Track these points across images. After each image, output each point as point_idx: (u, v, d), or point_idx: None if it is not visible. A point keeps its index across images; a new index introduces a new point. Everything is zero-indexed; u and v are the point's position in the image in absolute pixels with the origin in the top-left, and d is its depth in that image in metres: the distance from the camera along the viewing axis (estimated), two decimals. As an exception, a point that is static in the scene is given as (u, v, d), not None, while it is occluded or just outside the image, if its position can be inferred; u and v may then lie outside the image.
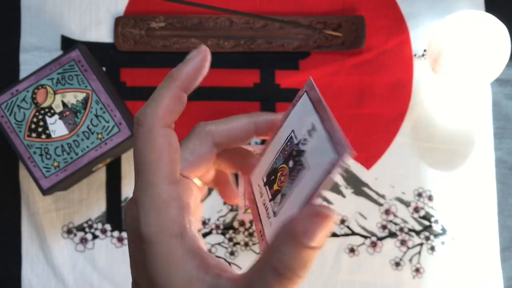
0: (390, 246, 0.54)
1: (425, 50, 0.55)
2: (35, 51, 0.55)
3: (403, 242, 0.54)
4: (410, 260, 0.54)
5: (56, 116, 0.48)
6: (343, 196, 0.54)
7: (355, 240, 0.54)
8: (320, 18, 0.55)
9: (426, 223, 0.54)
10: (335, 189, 0.54)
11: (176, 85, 0.28)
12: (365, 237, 0.54)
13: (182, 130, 0.58)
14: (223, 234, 0.54)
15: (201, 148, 0.28)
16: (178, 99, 0.27)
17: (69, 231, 0.54)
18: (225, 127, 0.29)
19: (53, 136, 0.48)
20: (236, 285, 0.23)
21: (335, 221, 0.24)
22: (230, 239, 0.54)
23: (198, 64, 0.29)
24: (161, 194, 0.23)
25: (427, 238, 0.54)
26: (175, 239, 0.23)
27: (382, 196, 0.54)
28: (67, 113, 0.48)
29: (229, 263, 0.54)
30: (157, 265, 0.23)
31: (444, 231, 0.54)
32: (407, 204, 0.54)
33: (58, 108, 0.48)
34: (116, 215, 0.54)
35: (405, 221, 0.54)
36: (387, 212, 0.54)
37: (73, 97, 0.48)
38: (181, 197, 0.24)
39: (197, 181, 0.31)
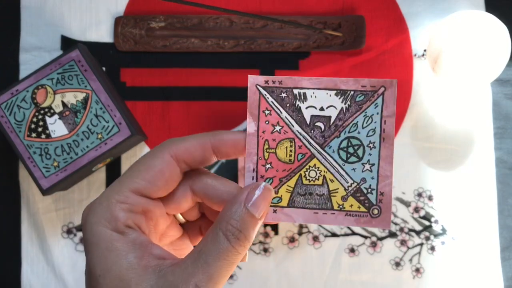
0: (390, 246, 0.54)
1: (425, 50, 0.55)
2: (35, 51, 0.55)
3: (403, 242, 0.54)
4: (410, 260, 0.54)
5: (56, 116, 0.48)
6: (343, 196, 0.54)
7: (355, 240, 0.54)
8: (320, 18, 0.55)
9: (426, 223, 0.54)
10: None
11: (209, 138, 0.28)
12: (365, 237, 0.54)
13: (183, 130, 0.58)
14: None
15: (160, 165, 0.28)
16: (201, 148, 0.28)
17: (69, 231, 0.54)
18: (182, 145, 0.28)
19: (53, 136, 0.48)
20: (181, 262, 0.26)
21: (273, 194, 0.27)
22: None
23: (240, 139, 0.28)
24: (111, 197, 0.27)
25: (427, 238, 0.54)
26: (117, 234, 0.26)
27: (382, 196, 0.54)
28: (67, 113, 0.48)
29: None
30: (98, 255, 0.26)
31: (444, 231, 0.54)
32: (407, 204, 0.54)
33: (58, 108, 0.48)
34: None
35: (405, 221, 0.54)
36: (387, 212, 0.54)
37: (73, 97, 0.48)
38: (133, 203, 0.27)
39: (180, 218, 0.32)
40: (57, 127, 0.48)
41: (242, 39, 0.55)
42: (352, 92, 0.26)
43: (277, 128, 0.26)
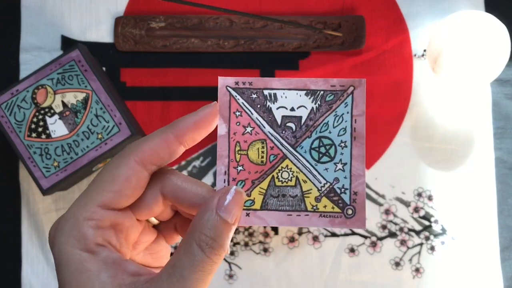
0: (390, 246, 0.54)
1: (425, 50, 0.55)
2: (35, 51, 0.55)
3: (403, 242, 0.54)
4: (410, 260, 0.54)
5: (56, 116, 0.48)
6: (343, 196, 0.54)
7: (355, 240, 0.54)
8: (320, 18, 0.55)
9: (426, 223, 0.54)
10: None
11: (171, 131, 0.27)
12: (365, 237, 0.54)
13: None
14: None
15: (126, 174, 0.26)
16: (166, 144, 0.26)
17: (69, 231, 0.54)
18: (146, 147, 0.27)
19: (53, 136, 0.48)
20: (156, 277, 0.25)
21: (244, 198, 0.27)
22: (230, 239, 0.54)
23: (201, 117, 0.26)
24: (78, 214, 0.26)
25: (427, 238, 0.54)
26: (87, 253, 0.25)
27: (382, 196, 0.54)
28: (67, 113, 0.48)
29: (229, 263, 0.54)
30: (69, 276, 0.25)
31: (444, 231, 0.54)
32: (407, 204, 0.54)
33: (58, 108, 0.48)
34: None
35: (405, 221, 0.54)
36: (387, 212, 0.54)
37: (73, 97, 0.48)
38: (100, 219, 0.26)
39: (153, 220, 0.31)
40: (57, 127, 0.48)
41: (242, 39, 0.55)
42: (322, 92, 0.25)
43: (248, 129, 0.26)
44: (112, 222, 0.26)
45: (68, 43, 0.55)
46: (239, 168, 0.26)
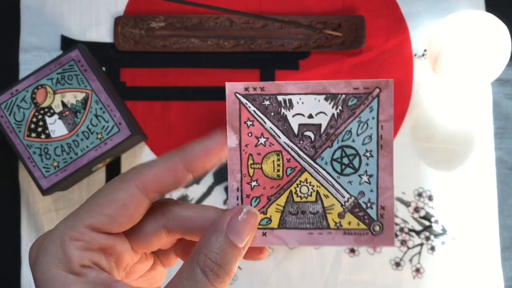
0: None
1: (425, 50, 0.55)
2: (34, 51, 0.55)
3: (403, 242, 0.54)
4: (410, 260, 0.54)
5: (56, 116, 0.48)
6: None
7: (355, 240, 0.54)
8: (320, 18, 0.55)
9: (426, 223, 0.54)
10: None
11: (179, 157, 0.24)
12: (365, 237, 0.54)
13: (183, 130, 0.58)
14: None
15: (124, 200, 0.24)
16: (172, 172, 0.24)
17: (69, 231, 0.54)
18: (150, 173, 0.24)
19: (52, 136, 0.48)
20: None
21: (258, 219, 0.24)
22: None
23: (213, 145, 0.24)
24: (64, 234, 0.24)
25: (427, 238, 0.54)
26: (73, 276, 0.23)
27: (382, 196, 0.54)
28: (67, 113, 0.48)
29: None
30: None
31: (444, 231, 0.54)
32: (407, 204, 0.54)
33: (58, 108, 0.48)
34: (116, 215, 0.54)
35: (405, 221, 0.54)
36: (387, 212, 0.54)
37: (72, 97, 0.48)
38: (89, 240, 0.24)
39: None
40: (57, 127, 0.48)
41: (242, 39, 0.55)
42: (343, 96, 0.23)
43: (262, 140, 0.23)
44: (102, 245, 0.24)
45: (68, 43, 0.55)
46: (253, 183, 0.23)
